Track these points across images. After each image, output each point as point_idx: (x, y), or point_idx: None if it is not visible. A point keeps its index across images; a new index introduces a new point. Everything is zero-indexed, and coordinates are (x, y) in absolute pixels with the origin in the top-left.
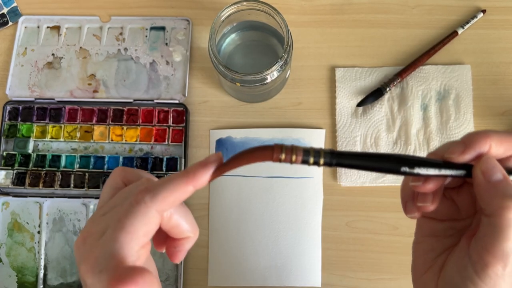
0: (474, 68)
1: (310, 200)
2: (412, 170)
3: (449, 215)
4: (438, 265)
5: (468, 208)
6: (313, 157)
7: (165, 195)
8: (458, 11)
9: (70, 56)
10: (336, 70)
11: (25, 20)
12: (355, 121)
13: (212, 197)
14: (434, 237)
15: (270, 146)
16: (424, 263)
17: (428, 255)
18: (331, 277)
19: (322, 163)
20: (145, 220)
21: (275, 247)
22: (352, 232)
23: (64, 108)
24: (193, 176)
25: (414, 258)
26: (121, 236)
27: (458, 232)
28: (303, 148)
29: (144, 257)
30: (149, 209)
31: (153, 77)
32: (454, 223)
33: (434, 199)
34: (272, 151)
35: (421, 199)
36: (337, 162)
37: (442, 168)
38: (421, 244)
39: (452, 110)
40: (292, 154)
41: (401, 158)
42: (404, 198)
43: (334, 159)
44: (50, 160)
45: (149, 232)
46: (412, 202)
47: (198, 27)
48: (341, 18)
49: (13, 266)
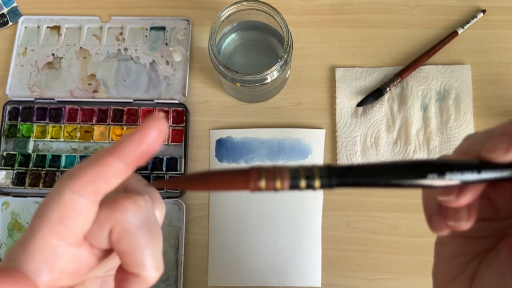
0: (474, 68)
1: (310, 200)
2: (442, 178)
3: (484, 215)
4: (469, 274)
5: (509, 207)
6: (305, 179)
7: (84, 171)
8: (458, 11)
9: (70, 56)
10: (336, 70)
11: (25, 20)
12: (355, 121)
13: (212, 197)
14: (464, 238)
15: (245, 171)
16: (450, 269)
17: (456, 259)
18: (331, 277)
19: (318, 186)
20: (58, 201)
21: (275, 247)
22: (352, 232)
23: (64, 108)
24: (120, 149)
25: (437, 262)
26: (34, 220)
27: (496, 233)
28: (289, 168)
29: (62, 253)
30: (63, 188)
31: (153, 77)
32: (490, 223)
33: (470, 215)
34: (247, 178)
35: (453, 216)
36: (339, 182)
37: (482, 170)
38: (448, 246)
39: (452, 110)
40: (276, 179)
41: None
42: (428, 209)
43: (333, 178)
44: (50, 160)
45: (65, 219)
46: (439, 217)
47: (198, 27)
48: (341, 18)
49: None
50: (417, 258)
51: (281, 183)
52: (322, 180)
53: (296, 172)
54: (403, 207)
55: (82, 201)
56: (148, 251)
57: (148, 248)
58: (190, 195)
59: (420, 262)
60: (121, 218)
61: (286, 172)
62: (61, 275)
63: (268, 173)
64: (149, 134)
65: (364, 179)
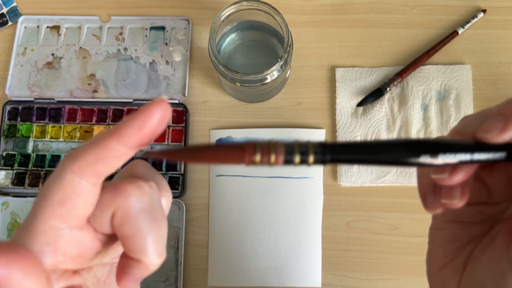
0: (474, 68)
1: (310, 200)
2: (435, 158)
3: (478, 198)
4: (462, 259)
5: (504, 191)
6: (300, 154)
7: (85, 153)
8: (458, 11)
9: (70, 56)
10: (336, 70)
11: (25, 20)
12: (355, 121)
13: (212, 197)
14: (459, 223)
15: (240, 146)
16: (444, 254)
17: (449, 245)
18: (331, 277)
19: (312, 161)
20: (59, 183)
21: (275, 247)
22: (352, 232)
23: (63, 108)
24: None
25: (431, 248)
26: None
27: (490, 218)
28: (284, 144)
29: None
30: (64, 169)
31: (153, 77)
32: (485, 207)
33: (463, 193)
34: (242, 152)
35: (446, 194)
36: (332, 158)
37: (475, 151)
38: (442, 231)
39: (453, 110)
40: (271, 154)
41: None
42: (422, 188)
43: (327, 154)
44: (50, 160)
45: (66, 200)
46: (433, 195)
47: (198, 27)
48: (341, 18)
49: None
50: (417, 258)
51: (276, 158)
52: (316, 156)
53: (291, 147)
54: (403, 207)
55: (82, 182)
56: (150, 237)
57: (150, 234)
58: (190, 195)
59: (420, 262)
60: (124, 202)
61: (281, 147)
62: (65, 258)
63: (263, 148)
64: (151, 118)
65: (357, 156)
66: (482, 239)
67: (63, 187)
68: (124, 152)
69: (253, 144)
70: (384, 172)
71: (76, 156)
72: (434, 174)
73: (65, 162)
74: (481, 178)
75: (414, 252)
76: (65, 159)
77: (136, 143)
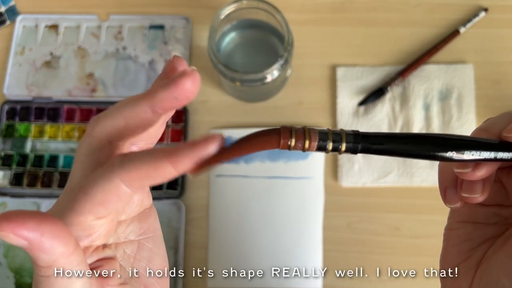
0: (476, 67)
1: (311, 200)
2: (461, 155)
3: (494, 200)
4: (475, 259)
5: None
6: (332, 142)
7: (137, 166)
8: (460, 10)
9: (68, 55)
10: (337, 69)
11: (23, 19)
12: (356, 121)
13: (212, 198)
14: (473, 223)
15: (276, 130)
16: (457, 254)
17: (463, 244)
18: (332, 279)
19: (344, 149)
20: (104, 186)
21: (276, 248)
22: (354, 233)
23: (62, 108)
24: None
25: (445, 247)
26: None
27: (504, 220)
28: (318, 131)
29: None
30: (112, 174)
31: (152, 76)
32: (500, 209)
33: (484, 189)
34: (278, 136)
35: (467, 188)
36: (364, 147)
37: (500, 150)
38: (456, 231)
39: (454, 109)
40: (305, 140)
41: (446, 139)
42: (443, 183)
43: (359, 143)
44: (48, 160)
45: (106, 202)
46: (454, 189)
47: (198, 25)
48: (342, 17)
49: (11, 267)
50: (419, 259)
51: (310, 143)
52: (348, 144)
53: (325, 135)
54: (404, 208)
55: (127, 190)
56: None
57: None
58: (189, 196)
59: (421, 263)
60: None
61: (315, 134)
62: (97, 238)
63: (298, 134)
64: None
65: (387, 146)
66: (496, 241)
67: (107, 190)
68: (174, 175)
69: (289, 129)
70: (386, 172)
71: (128, 167)
72: (457, 168)
73: (116, 169)
74: (500, 180)
75: (415, 253)
76: (117, 166)
77: (187, 171)
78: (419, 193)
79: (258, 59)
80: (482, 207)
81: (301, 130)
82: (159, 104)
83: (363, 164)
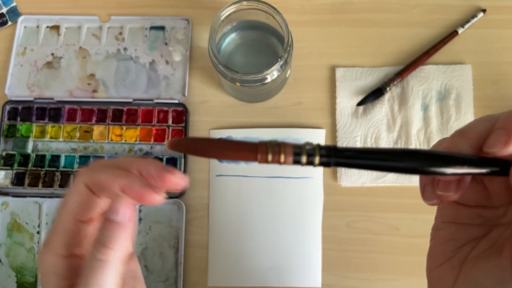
0: (474, 68)
1: (310, 200)
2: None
3: (477, 201)
4: (459, 258)
5: (502, 196)
6: (306, 156)
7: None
8: (458, 11)
9: (70, 55)
10: (336, 69)
11: (25, 19)
12: (355, 121)
13: (212, 197)
14: (458, 224)
15: (254, 145)
16: (442, 253)
17: (448, 244)
18: (332, 278)
19: (317, 163)
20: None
21: (275, 247)
22: (353, 233)
23: (63, 108)
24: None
25: (431, 246)
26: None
27: (487, 221)
28: (293, 146)
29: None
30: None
31: (152, 77)
32: (483, 210)
33: (458, 188)
34: (256, 152)
35: (442, 187)
36: (337, 162)
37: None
38: (441, 231)
39: (453, 110)
40: (280, 154)
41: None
42: (423, 180)
43: (333, 158)
44: (50, 160)
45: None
46: (431, 187)
47: (198, 26)
48: (342, 18)
49: (12, 266)
50: (418, 258)
51: (285, 158)
52: (321, 159)
53: (299, 149)
54: (403, 207)
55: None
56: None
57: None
58: (189, 196)
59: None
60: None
61: (290, 148)
62: None
63: (274, 149)
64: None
65: (359, 161)
66: (480, 241)
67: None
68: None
69: (265, 144)
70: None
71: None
72: None
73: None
74: (482, 182)
75: (414, 252)
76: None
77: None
78: (418, 193)
79: (258, 60)
80: (466, 208)
81: (276, 145)
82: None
83: None
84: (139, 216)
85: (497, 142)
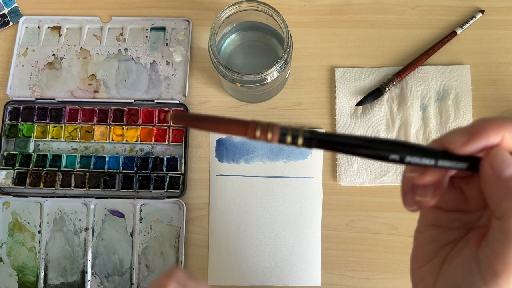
0: (473, 68)
1: (309, 200)
2: (402, 158)
3: (456, 206)
4: (440, 259)
5: (479, 200)
6: (291, 136)
7: None
8: (457, 12)
9: (71, 56)
10: (335, 70)
11: (26, 20)
12: (354, 121)
13: (212, 197)
14: (438, 227)
15: (245, 122)
16: (424, 254)
17: (429, 246)
18: (331, 277)
19: (300, 143)
20: None
21: (275, 246)
22: (352, 232)
23: (64, 108)
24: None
25: (414, 248)
26: None
27: (466, 224)
28: (280, 126)
29: None
30: None
31: (153, 77)
32: (462, 214)
33: (435, 194)
34: (246, 128)
35: (420, 193)
36: (318, 143)
37: (440, 158)
38: (423, 233)
39: (452, 110)
40: (268, 132)
41: (391, 143)
42: (404, 188)
43: (314, 139)
44: (51, 160)
45: None
46: (411, 194)
47: (198, 27)
48: (341, 19)
49: (13, 265)
50: None
51: (272, 136)
52: (304, 140)
53: (285, 130)
54: (402, 207)
55: None
56: None
57: None
58: (190, 195)
59: None
60: None
61: (277, 128)
62: None
63: (263, 127)
64: None
65: (338, 146)
66: (458, 243)
67: None
68: None
69: (256, 122)
70: (384, 171)
71: None
72: (407, 172)
73: None
74: (460, 188)
75: None
76: None
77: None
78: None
79: (258, 60)
80: (445, 212)
81: (265, 124)
82: None
83: (361, 164)
84: (140, 216)
85: (457, 141)
